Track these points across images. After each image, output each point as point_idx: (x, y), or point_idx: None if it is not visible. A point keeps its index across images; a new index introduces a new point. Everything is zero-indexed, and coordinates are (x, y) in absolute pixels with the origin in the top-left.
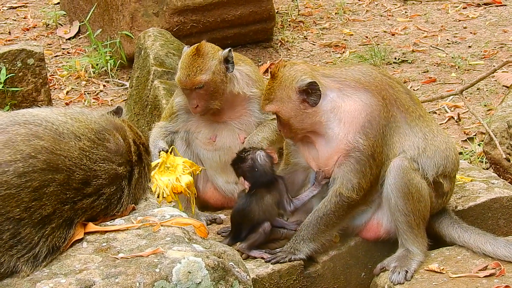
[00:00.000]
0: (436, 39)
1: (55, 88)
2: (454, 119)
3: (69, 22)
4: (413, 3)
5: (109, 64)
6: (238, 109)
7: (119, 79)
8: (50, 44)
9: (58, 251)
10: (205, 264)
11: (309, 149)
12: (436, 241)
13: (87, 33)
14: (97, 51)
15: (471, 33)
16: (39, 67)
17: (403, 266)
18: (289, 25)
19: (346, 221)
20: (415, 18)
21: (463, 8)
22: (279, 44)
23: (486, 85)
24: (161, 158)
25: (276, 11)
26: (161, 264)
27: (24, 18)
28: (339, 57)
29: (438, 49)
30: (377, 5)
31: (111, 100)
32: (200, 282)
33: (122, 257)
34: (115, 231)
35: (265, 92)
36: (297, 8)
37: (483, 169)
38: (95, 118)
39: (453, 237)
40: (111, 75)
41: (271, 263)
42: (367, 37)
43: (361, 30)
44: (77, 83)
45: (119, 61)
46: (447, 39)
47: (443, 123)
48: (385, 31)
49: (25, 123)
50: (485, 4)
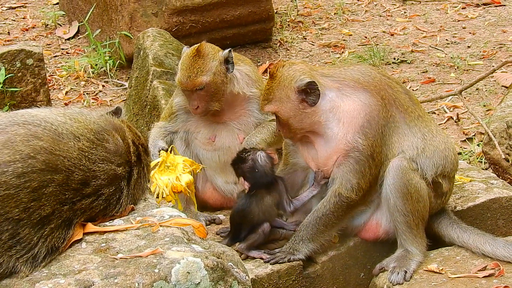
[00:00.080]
0: (435, 39)
1: (54, 89)
2: (453, 119)
3: (68, 23)
4: (412, 3)
5: (108, 64)
6: (238, 109)
7: (118, 79)
8: (49, 44)
9: (57, 251)
10: (204, 265)
11: (308, 149)
12: (435, 241)
13: (86, 33)
14: (96, 51)
15: (470, 33)
16: (38, 67)
17: (402, 267)
18: (288, 25)
19: (345, 221)
20: (414, 18)
21: (462, 8)
22: (278, 44)
23: (485, 85)
24: (161, 157)
25: (275, 11)
26: (160, 265)
27: (23, 18)
28: (338, 57)
29: (437, 49)
30: (376, 5)
31: (110, 100)
32: (199, 282)
33: (121, 258)
34: (114, 231)
35: (264, 92)
36: (296, 8)
37: (482, 169)
38: (94, 119)
39: (452, 237)
40: (110, 75)
41: (270, 264)
42: (366, 37)
43: (360, 30)
44: (76, 84)
45: (118, 61)
46: (446, 39)
47: (442, 123)
48: (384, 31)
49: (24, 123)
50: (484, 4)
